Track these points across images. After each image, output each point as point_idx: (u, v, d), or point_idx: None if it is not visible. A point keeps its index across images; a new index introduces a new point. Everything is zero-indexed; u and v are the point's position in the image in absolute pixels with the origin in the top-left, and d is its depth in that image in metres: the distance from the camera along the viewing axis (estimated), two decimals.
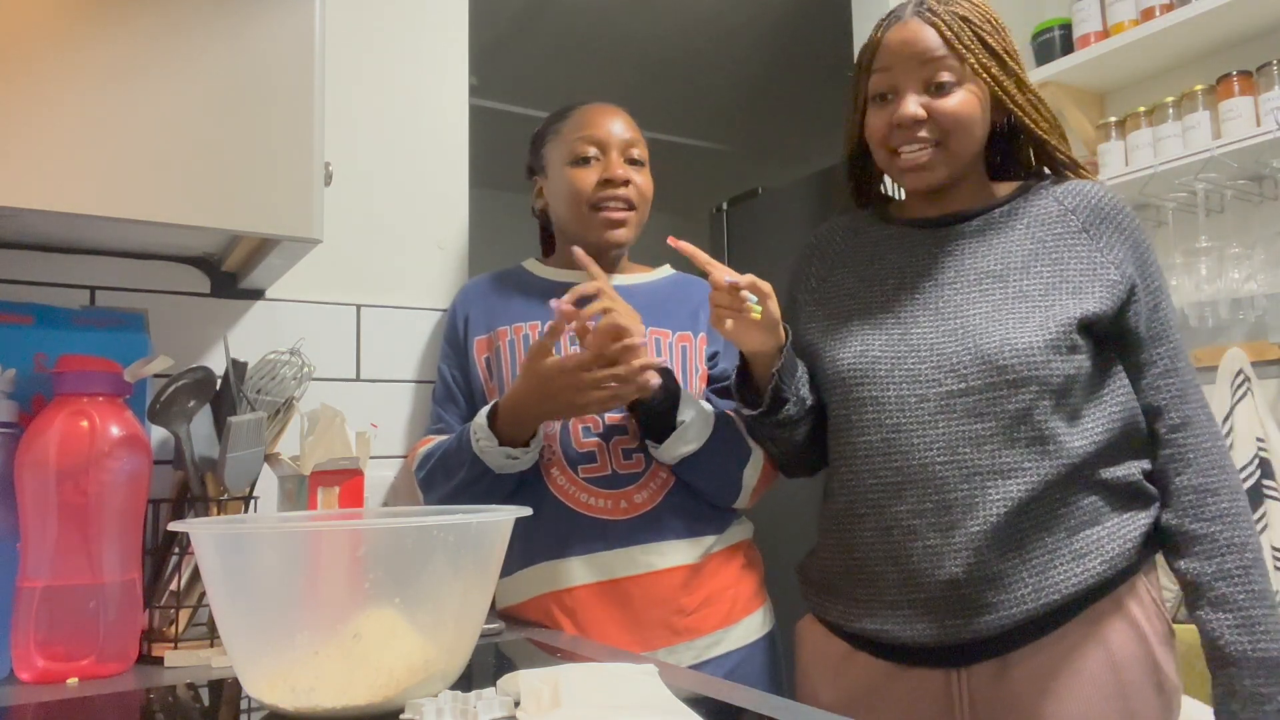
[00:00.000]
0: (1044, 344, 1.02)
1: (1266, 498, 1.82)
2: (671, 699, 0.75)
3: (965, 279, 1.09)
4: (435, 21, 1.55)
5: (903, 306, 1.11)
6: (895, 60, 1.09)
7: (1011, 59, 1.11)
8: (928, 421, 1.04)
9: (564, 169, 1.30)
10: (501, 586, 1.26)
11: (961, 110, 1.08)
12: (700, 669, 1.17)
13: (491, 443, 1.14)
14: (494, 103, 3.27)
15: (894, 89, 1.10)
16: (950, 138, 1.08)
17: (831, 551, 1.13)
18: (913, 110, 1.08)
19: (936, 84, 1.08)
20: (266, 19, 1.02)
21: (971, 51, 1.08)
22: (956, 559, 1.00)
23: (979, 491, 1.01)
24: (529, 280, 1.36)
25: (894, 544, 1.04)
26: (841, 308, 1.16)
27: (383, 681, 0.73)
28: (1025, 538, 1.01)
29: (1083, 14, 2.18)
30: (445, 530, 0.76)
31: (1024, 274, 1.07)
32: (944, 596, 1.01)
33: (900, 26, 1.10)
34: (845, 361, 1.10)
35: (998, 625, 1.00)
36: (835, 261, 1.21)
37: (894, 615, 1.04)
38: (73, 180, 0.92)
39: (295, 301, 1.37)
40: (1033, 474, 1.01)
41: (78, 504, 0.93)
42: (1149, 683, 1.01)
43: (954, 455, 1.02)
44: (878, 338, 1.10)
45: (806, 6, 3.11)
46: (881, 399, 1.07)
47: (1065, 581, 1.00)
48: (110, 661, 0.94)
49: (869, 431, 1.07)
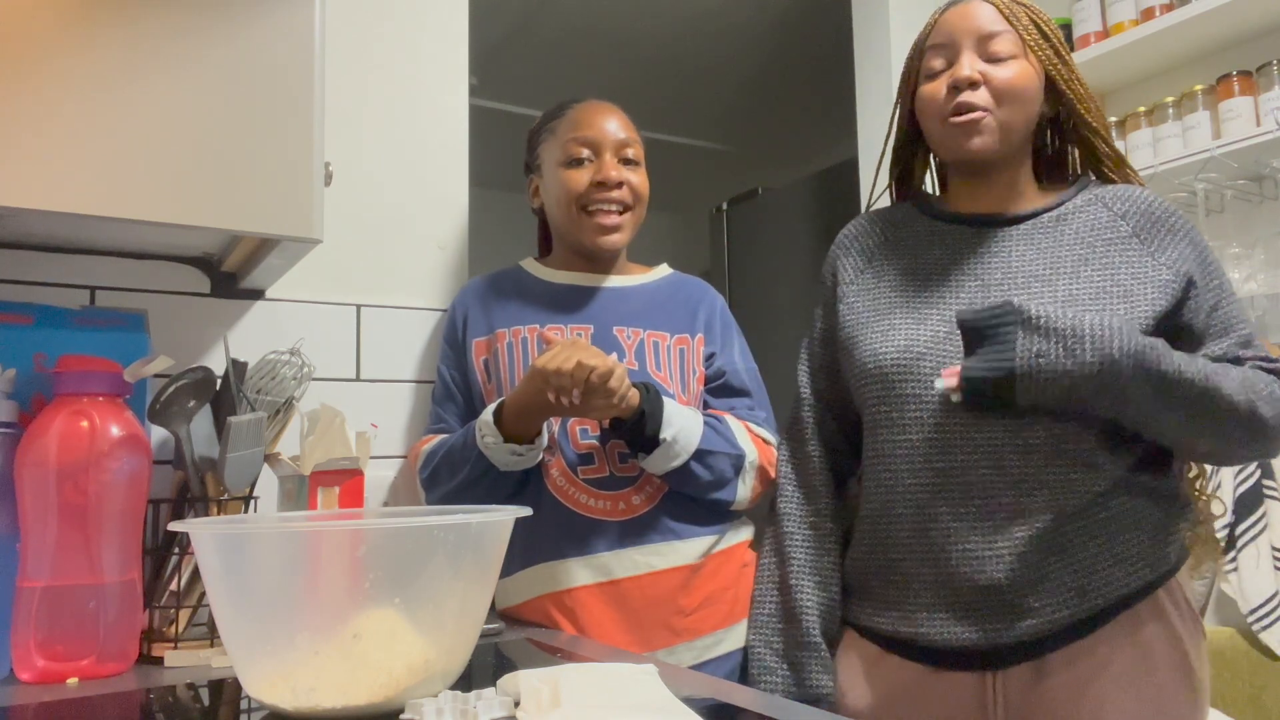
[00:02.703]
0: None
1: (1267, 498, 1.82)
2: (671, 699, 0.75)
3: (1013, 280, 1.07)
4: (435, 21, 1.55)
5: (948, 304, 1.08)
6: (953, 34, 1.10)
7: (1065, 49, 1.12)
8: (972, 425, 1.01)
9: (557, 169, 1.30)
10: (501, 587, 1.26)
11: (1016, 80, 1.07)
12: (700, 669, 1.17)
13: (497, 439, 1.14)
14: (494, 103, 3.27)
15: (951, 58, 1.09)
16: (1003, 105, 1.07)
17: (865, 551, 1.11)
18: (969, 71, 1.07)
19: (994, 55, 1.07)
20: (266, 19, 1.02)
21: (1029, 32, 1.09)
22: (999, 564, 0.99)
23: (1025, 499, 0.99)
24: (527, 281, 1.35)
25: (931, 545, 1.02)
26: (883, 299, 1.13)
27: (383, 681, 0.73)
28: (1068, 542, 0.99)
29: (1083, 14, 2.18)
30: (445, 530, 0.76)
31: (1073, 279, 1.05)
32: (984, 601, 1.00)
33: (959, 6, 1.11)
34: (889, 356, 1.07)
35: (1039, 630, 0.99)
36: (874, 253, 1.19)
37: (930, 619, 1.03)
38: (73, 180, 0.92)
39: (295, 301, 1.37)
40: (1080, 485, 0.99)
41: (78, 504, 0.93)
42: (1182, 684, 1.01)
43: (999, 462, 1.00)
44: (922, 333, 1.07)
45: (806, 6, 3.11)
46: (925, 396, 1.04)
47: (1107, 586, 0.99)
48: (110, 661, 0.94)
49: (910, 430, 1.05)
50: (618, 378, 1.09)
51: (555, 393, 1.09)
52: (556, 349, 1.10)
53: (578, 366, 1.07)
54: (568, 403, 1.09)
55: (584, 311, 1.30)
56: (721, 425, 1.23)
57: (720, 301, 1.38)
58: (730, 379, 1.31)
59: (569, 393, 1.08)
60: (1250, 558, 1.80)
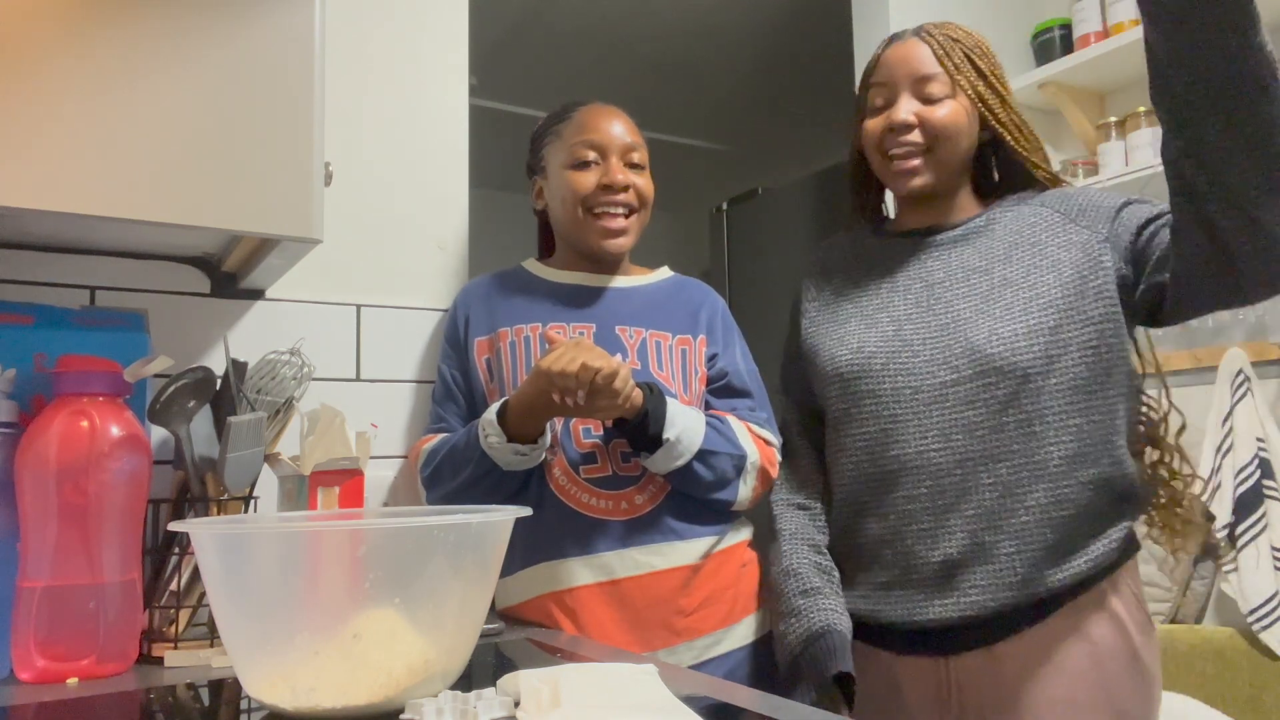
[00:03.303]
0: (1027, 329, 1.07)
1: (1267, 498, 1.82)
2: (671, 699, 0.75)
3: (953, 277, 1.16)
4: (435, 21, 1.55)
5: (895, 306, 1.18)
6: (892, 73, 1.19)
7: (998, 81, 1.19)
8: (922, 411, 1.11)
9: (563, 172, 1.30)
10: (501, 586, 1.26)
11: (949, 120, 1.16)
12: (700, 669, 1.17)
13: (501, 439, 1.14)
14: (494, 103, 3.27)
15: (890, 99, 1.19)
16: (938, 145, 1.16)
17: (836, 538, 1.20)
18: (904, 114, 1.16)
19: (928, 96, 1.16)
20: (266, 19, 1.02)
21: (961, 70, 1.17)
22: (951, 539, 1.07)
23: (971, 476, 1.08)
24: (530, 281, 1.36)
25: (890, 528, 1.12)
26: (840, 311, 1.24)
27: (382, 681, 0.73)
28: (1017, 522, 1.06)
29: (1083, 14, 2.18)
30: (445, 530, 0.76)
31: (1006, 262, 1.14)
32: (936, 576, 1.08)
33: (899, 45, 1.20)
34: (844, 358, 1.18)
35: (984, 605, 1.06)
36: (833, 271, 1.30)
37: (887, 596, 1.12)
38: (73, 180, 0.92)
39: (295, 301, 1.37)
40: (1020, 456, 1.06)
41: (78, 504, 0.93)
42: (1129, 672, 1.06)
43: (948, 443, 1.09)
44: (873, 335, 1.17)
45: (806, 6, 3.11)
46: (878, 391, 1.14)
47: (1052, 576, 1.05)
48: (110, 661, 0.94)
49: (868, 423, 1.14)
50: (622, 378, 1.09)
51: (560, 393, 1.09)
52: (560, 349, 1.10)
53: (582, 368, 1.07)
54: (572, 403, 1.09)
55: (587, 310, 1.30)
56: (724, 425, 1.23)
57: (721, 303, 1.39)
58: (732, 380, 1.31)
59: (573, 394, 1.08)
60: (1250, 558, 1.81)
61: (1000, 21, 2.35)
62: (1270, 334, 1.96)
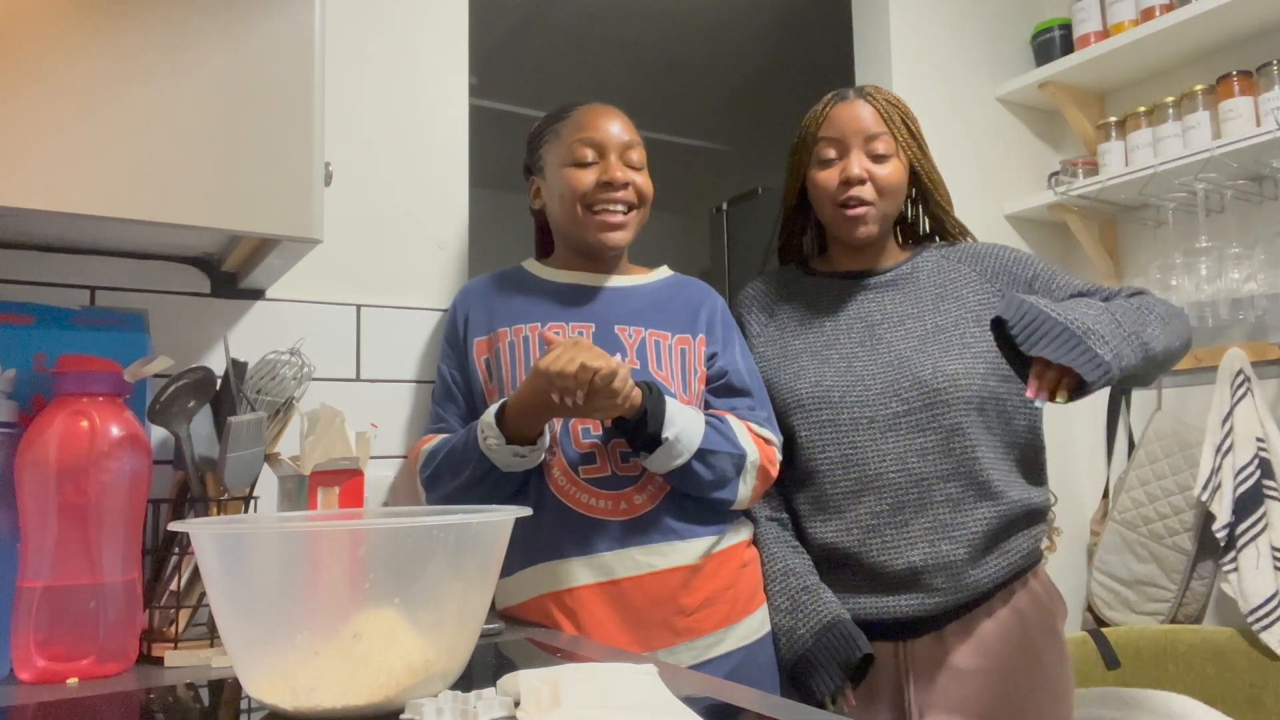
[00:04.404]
0: (965, 370, 1.28)
1: (1267, 498, 1.82)
2: (671, 699, 0.75)
3: (889, 319, 1.35)
4: (435, 22, 1.55)
5: (842, 344, 1.35)
6: (843, 130, 1.34)
7: (923, 141, 1.38)
8: (879, 438, 1.28)
9: (562, 170, 1.30)
10: (501, 586, 1.26)
11: (893, 178, 1.34)
12: (700, 669, 1.17)
13: (500, 441, 1.14)
14: (494, 103, 3.27)
15: (841, 153, 1.34)
16: (883, 199, 1.34)
17: (807, 548, 1.33)
18: (858, 170, 1.32)
19: (874, 153, 1.33)
20: (266, 20, 1.02)
21: (899, 133, 1.35)
22: (914, 549, 1.25)
23: (926, 494, 1.26)
24: (529, 281, 1.36)
25: (856, 540, 1.28)
26: (789, 347, 1.38)
27: (383, 681, 0.73)
28: (968, 532, 1.26)
29: (1083, 14, 2.18)
30: (445, 530, 0.76)
31: (935, 312, 1.34)
32: (901, 579, 1.26)
33: (846, 104, 1.36)
34: (803, 390, 1.33)
35: (941, 604, 1.25)
36: (774, 308, 1.44)
37: (856, 599, 1.28)
38: (73, 180, 0.92)
39: (295, 301, 1.37)
40: (966, 476, 1.26)
41: (78, 504, 0.93)
42: (1051, 643, 1.31)
43: (904, 465, 1.27)
44: (828, 370, 1.33)
45: (806, 6, 3.11)
46: (837, 420, 1.30)
47: (995, 573, 1.28)
48: (110, 661, 0.94)
49: (829, 449, 1.30)
50: (621, 378, 1.09)
51: (558, 394, 1.09)
52: (559, 349, 1.10)
53: (581, 368, 1.07)
54: (571, 403, 1.09)
55: (586, 310, 1.30)
56: (723, 425, 1.23)
57: (721, 303, 1.39)
58: (732, 379, 1.31)
59: (572, 394, 1.08)
60: (1250, 558, 1.81)
61: (1000, 21, 2.35)
62: (1270, 334, 1.96)
